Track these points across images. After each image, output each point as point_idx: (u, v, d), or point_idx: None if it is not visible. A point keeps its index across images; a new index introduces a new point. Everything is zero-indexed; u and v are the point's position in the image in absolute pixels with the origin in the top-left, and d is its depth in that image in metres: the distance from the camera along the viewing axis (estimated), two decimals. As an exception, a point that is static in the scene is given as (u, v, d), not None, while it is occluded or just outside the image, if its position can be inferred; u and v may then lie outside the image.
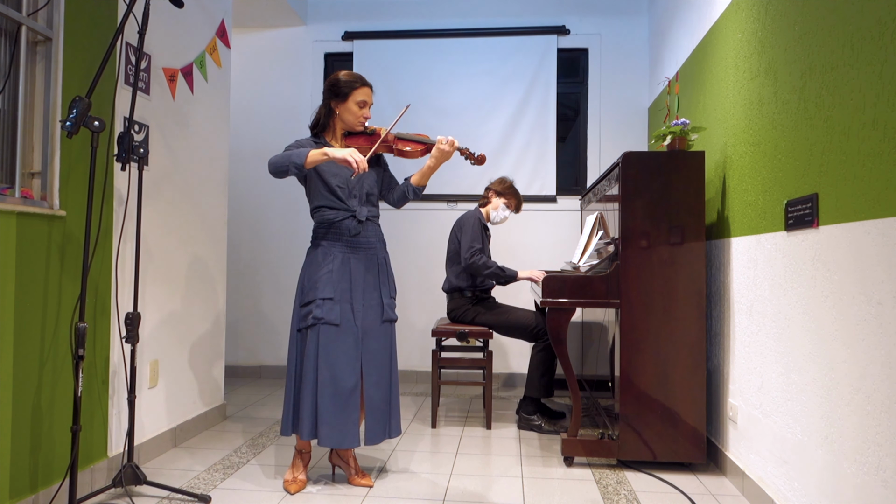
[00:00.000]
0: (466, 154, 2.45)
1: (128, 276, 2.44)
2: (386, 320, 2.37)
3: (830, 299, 1.71)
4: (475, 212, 3.40)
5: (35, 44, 2.09)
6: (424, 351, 4.37)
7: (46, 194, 2.08)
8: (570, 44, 4.34)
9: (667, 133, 2.68)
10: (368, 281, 2.34)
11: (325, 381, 2.23)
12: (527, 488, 2.37)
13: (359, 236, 2.33)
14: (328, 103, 2.36)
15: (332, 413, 2.22)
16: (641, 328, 2.52)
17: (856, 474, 1.59)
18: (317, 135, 2.41)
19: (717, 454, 2.60)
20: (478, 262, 3.18)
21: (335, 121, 2.37)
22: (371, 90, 2.37)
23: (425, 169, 2.37)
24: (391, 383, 2.38)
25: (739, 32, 2.44)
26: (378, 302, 2.36)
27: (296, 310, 2.33)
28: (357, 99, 2.32)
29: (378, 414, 2.32)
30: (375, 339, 2.34)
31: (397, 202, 2.49)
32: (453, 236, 3.38)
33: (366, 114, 2.35)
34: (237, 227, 4.47)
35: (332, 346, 2.24)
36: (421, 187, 2.43)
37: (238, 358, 4.50)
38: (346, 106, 2.33)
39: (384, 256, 2.42)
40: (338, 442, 2.23)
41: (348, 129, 2.38)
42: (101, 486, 2.19)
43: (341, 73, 2.36)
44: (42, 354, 2.03)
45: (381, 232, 2.44)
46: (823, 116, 1.77)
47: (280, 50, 4.54)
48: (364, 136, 2.39)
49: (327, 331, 2.24)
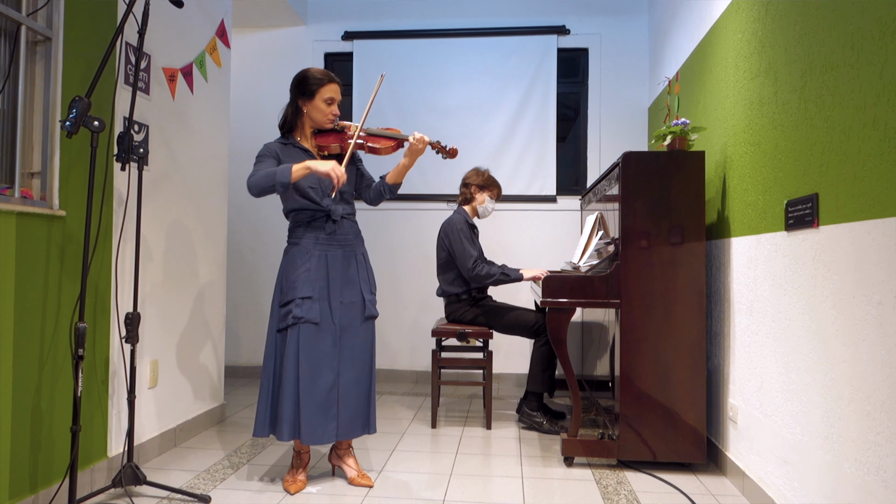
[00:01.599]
0: (438, 148, 2.45)
1: (127, 276, 2.44)
2: (368, 317, 2.37)
3: (830, 299, 1.71)
4: (459, 213, 3.35)
5: (35, 43, 2.09)
6: (424, 351, 4.37)
7: (46, 194, 2.08)
8: (570, 44, 4.34)
9: (667, 133, 2.68)
10: (348, 278, 2.34)
11: (305, 379, 2.22)
12: (527, 488, 2.37)
13: (335, 234, 2.32)
14: (295, 101, 2.33)
15: (312, 411, 2.22)
16: (641, 328, 2.52)
17: (856, 474, 1.59)
18: (285, 135, 2.38)
19: (717, 454, 2.60)
20: (481, 273, 3.15)
21: (303, 119, 2.35)
22: (339, 86, 2.34)
23: (400, 167, 2.36)
24: (370, 380, 2.38)
25: (739, 32, 2.44)
26: (359, 299, 2.35)
27: (274, 310, 2.32)
28: (325, 96, 2.29)
29: (357, 410, 2.33)
30: (356, 335, 2.33)
31: (374, 201, 2.48)
32: (441, 243, 3.33)
33: (334, 111, 2.33)
34: (237, 227, 4.47)
35: (311, 344, 2.24)
36: (397, 185, 2.42)
37: (238, 358, 4.50)
38: (314, 104, 2.30)
39: (362, 253, 2.42)
40: (318, 439, 2.23)
41: (317, 127, 2.36)
42: (101, 487, 2.19)
43: (308, 70, 2.32)
44: (42, 354, 2.03)
45: (357, 229, 2.43)
46: (824, 116, 1.76)
47: (280, 50, 4.54)
48: (334, 133, 2.37)
49: (307, 329, 2.24)
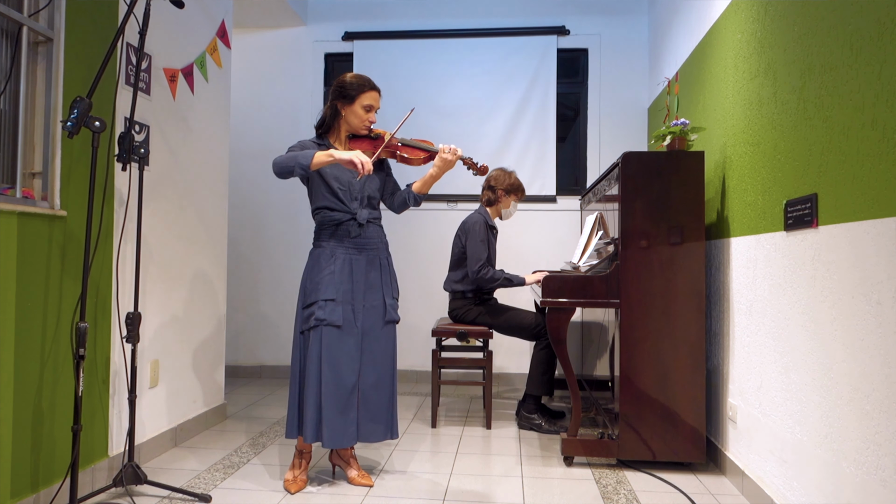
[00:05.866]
0: (469, 164, 2.45)
1: (128, 276, 2.44)
2: (388, 321, 2.37)
3: (830, 299, 1.72)
4: (481, 213, 3.36)
5: (36, 44, 2.09)
6: (424, 351, 4.37)
7: (47, 194, 2.09)
8: (570, 44, 4.34)
9: (666, 133, 2.69)
10: (370, 282, 2.35)
11: (328, 382, 2.23)
12: (527, 488, 2.38)
13: (360, 238, 2.33)
14: (334, 105, 2.35)
15: (334, 414, 2.23)
16: (641, 328, 2.53)
17: (855, 474, 1.59)
18: (321, 136, 2.40)
19: (716, 454, 2.60)
20: (485, 277, 3.18)
21: (340, 122, 2.37)
22: (379, 94, 2.35)
23: (427, 177, 2.37)
24: (392, 385, 2.38)
25: (739, 33, 2.45)
26: (381, 303, 2.36)
27: (298, 312, 2.33)
28: (364, 103, 2.31)
29: (379, 414, 2.33)
30: (377, 339, 2.34)
31: (398, 208, 2.49)
32: (458, 240, 3.35)
33: (371, 118, 2.34)
34: (237, 227, 4.48)
35: (334, 347, 2.25)
36: (423, 195, 2.43)
37: (238, 358, 4.51)
38: (353, 109, 2.32)
39: (386, 257, 2.43)
40: (339, 442, 2.24)
41: (353, 132, 2.38)
42: (102, 486, 2.20)
43: (349, 75, 2.34)
44: (43, 354, 2.03)
45: (383, 234, 2.44)
46: (823, 117, 1.77)
47: (280, 50, 4.55)
48: (368, 139, 2.39)
49: (330, 332, 2.25)
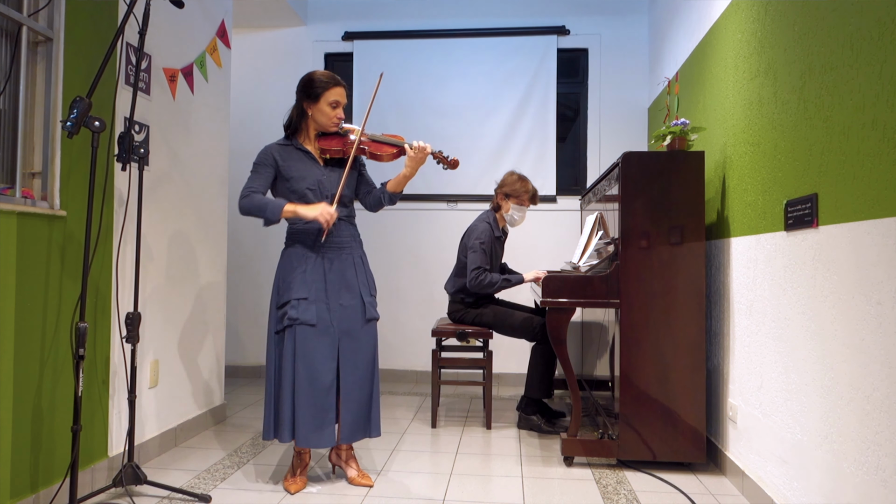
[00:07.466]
0: (439, 158, 2.43)
1: (128, 276, 2.44)
2: (369, 319, 2.36)
3: (830, 299, 1.71)
4: (487, 218, 3.30)
5: (36, 44, 2.09)
6: (424, 351, 4.37)
7: (47, 194, 2.09)
8: (570, 44, 4.34)
9: (667, 133, 2.68)
10: (346, 281, 2.33)
11: (301, 381, 2.22)
12: (527, 488, 2.37)
13: (332, 236, 2.31)
14: (300, 104, 2.33)
15: (309, 413, 2.22)
16: (641, 328, 2.53)
17: (855, 474, 1.59)
18: (289, 136, 2.37)
19: (716, 454, 2.60)
20: (483, 283, 3.12)
21: (308, 122, 2.34)
22: (345, 90, 2.32)
23: (400, 177, 2.34)
24: (373, 383, 2.37)
25: (739, 33, 2.45)
26: (359, 301, 2.34)
27: (272, 312, 2.32)
28: (329, 100, 2.28)
29: (359, 412, 2.32)
30: (357, 338, 2.33)
31: (373, 207, 2.47)
32: (463, 247, 3.31)
33: (339, 114, 2.32)
34: (237, 226, 4.47)
35: (308, 346, 2.23)
36: (397, 194, 2.40)
37: (238, 358, 4.50)
38: (319, 107, 2.29)
39: (360, 255, 2.41)
40: (315, 442, 2.23)
41: (321, 130, 2.35)
42: (102, 486, 2.19)
43: (314, 73, 2.31)
44: (42, 354, 2.03)
45: (356, 232, 2.42)
46: (823, 116, 1.77)
47: (280, 50, 4.55)
48: (337, 136, 2.36)
49: (304, 331, 2.24)
